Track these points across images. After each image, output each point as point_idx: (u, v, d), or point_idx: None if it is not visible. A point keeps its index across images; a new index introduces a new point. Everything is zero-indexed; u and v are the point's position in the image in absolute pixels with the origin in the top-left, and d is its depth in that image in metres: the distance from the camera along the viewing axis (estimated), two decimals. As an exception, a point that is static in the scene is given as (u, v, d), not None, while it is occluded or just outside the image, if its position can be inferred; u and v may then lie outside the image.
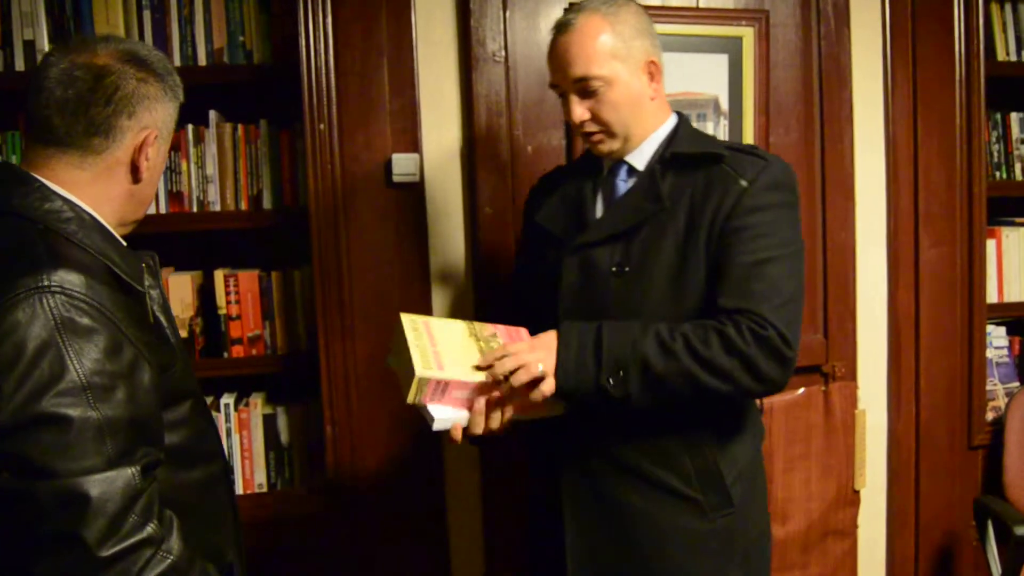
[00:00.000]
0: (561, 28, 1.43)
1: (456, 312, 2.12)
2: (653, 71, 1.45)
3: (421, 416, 1.38)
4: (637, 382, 1.31)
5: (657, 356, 1.30)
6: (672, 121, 1.51)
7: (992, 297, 2.44)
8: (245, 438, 2.07)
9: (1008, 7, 2.48)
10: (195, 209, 2.05)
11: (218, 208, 2.06)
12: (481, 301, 2.10)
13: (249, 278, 2.08)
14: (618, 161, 1.49)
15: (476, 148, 2.06)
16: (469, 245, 2.11)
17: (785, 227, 1.38)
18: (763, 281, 1.33)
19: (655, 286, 1.40)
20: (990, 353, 2.44)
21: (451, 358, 1.36)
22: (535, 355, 1.34)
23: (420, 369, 1.31)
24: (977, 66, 2.30)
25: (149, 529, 1.02)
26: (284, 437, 2.11)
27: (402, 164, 2.01)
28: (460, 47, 2.07)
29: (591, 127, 1.45)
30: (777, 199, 1.39)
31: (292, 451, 2.11)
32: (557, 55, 1.43)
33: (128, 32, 2.01)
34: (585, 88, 1.41)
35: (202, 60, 2.04)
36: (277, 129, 2.08)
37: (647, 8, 2.06)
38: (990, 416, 2.41)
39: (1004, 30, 2.49)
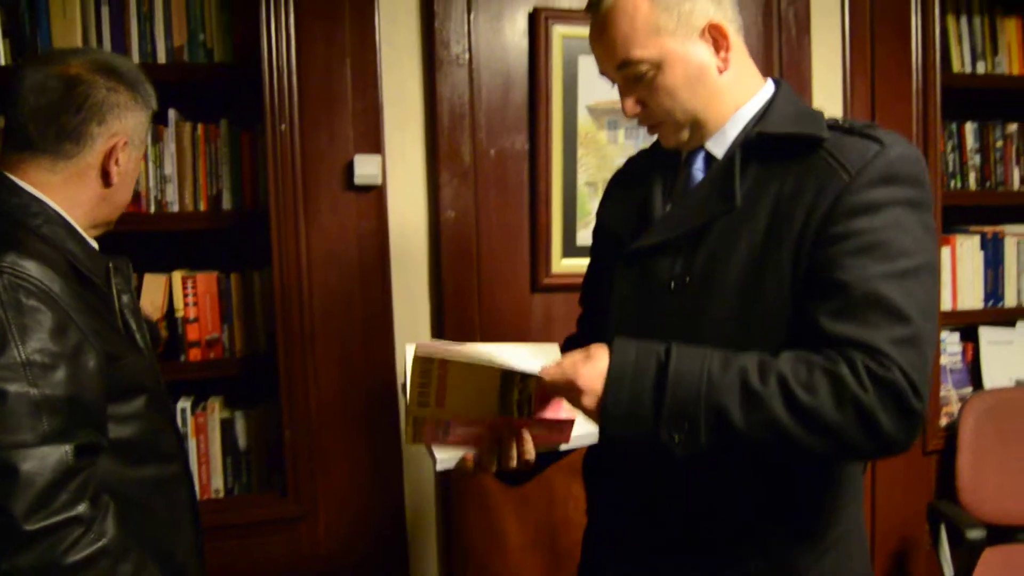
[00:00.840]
0: (593, 6, 1.17)
1: (417, 317, 2.10)
2: (717, 36, 1.15)
3: (390, 426, 1.29)
4: (708, 437, 0.99)
5: (739, 405, 0.98)
6: (766, 92, 1.20)
7: (946, 304, 2.48)
8: (202, 442, 2.04)
9: (964, 19, 2.54)
10: (152, 209, 2.01)
11: (176, 209, 2.02)
12: (442, 307, 2.09)
13: (207, 280, 2.04)
14: (694, 148, 1.21)
15: (439, 151, 2.05)
16: (431, 248, 2.10)
17: (905, 233, 1.03)
18: (878, 306, 0.99)
19: (720, 305, 1.10)
20: (944, 359, 2.49)
21: (459, 391, 1.11)
22: (573, 385, 1.04)
23: (415, 407, 1.09)
24: (933, 77, 2.35)
25: (80, 508, 1.03)
26: (242, 442, 2.07)
27: (364, 166, 2.00)
28: (424, 49, 2.06)
29: (648, 119, 1.19)
30: (893, 195, 1.04)
31: (250, 456, 2.08)
32: (594, 40, 1.18)
33: (85, 28, 1.96)
34: (631, 75, 1.15)
35: (161, 58, 2.01)
36: (238, 129, 2.04)
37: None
38: (944, 421, 2.46)
39: (960, 41, 2.54)
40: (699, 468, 1.08)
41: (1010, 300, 2.57)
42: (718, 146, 1.18)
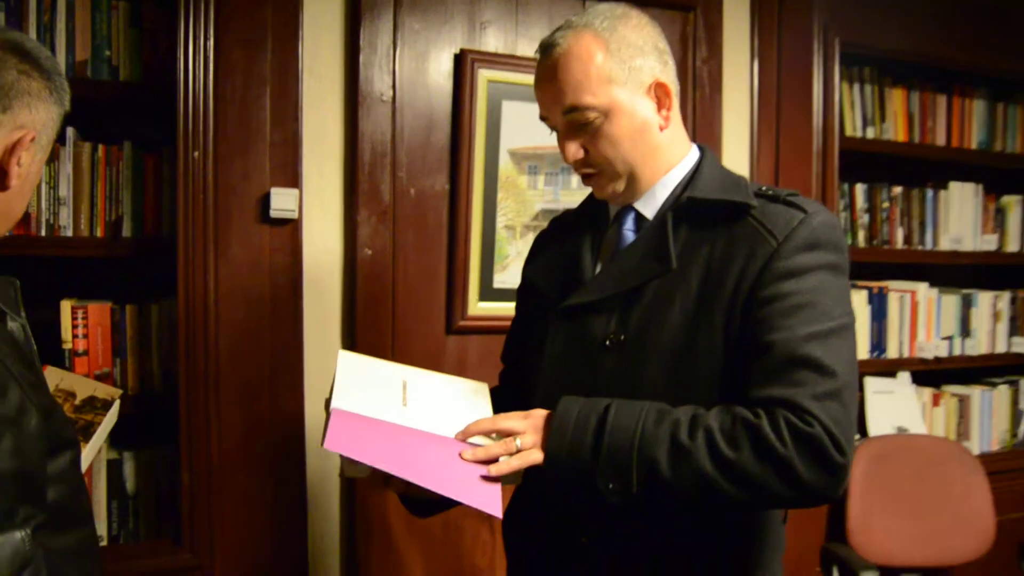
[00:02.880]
0: (546, 50, 1.18)
1: (328, 356, 2.03)
2: (661, 95, 1.19)
3: (295, 470, 1.25)
4: (640, 488, 1.05)
5: (668, 457, 1.03)
6: (693, 157, 1.25)
7: (837, 355, 2.60)
8: (86, 485, 1.89)
9: (856, 86, 2.71)
10: (43, 233, 1.87)
11: (70, 233, 1.88)
12: (355, 347, 2.02)
13: (100, 311, 1.90)
14: (625, 207, 1.25)
15: (358, 187, 2.01)
16: (346, 286, 2.04)
17: (827, 295, 1.10)
18: (804, 365, 1.05)
19: (655, 364, 1.14)
20: (835, 407, 2.60)
21: (382, 399, 1.15)
22: (518, 425, 1.11)
23: (337, 401, 1.10)
24: (832, 140, 2.50)
25: None
26: (130, 485, 1.93)
27: (281, 199, 1.92)
28: (347, 83, 2.02)
29: (587, 167, 1.21)
30: (816, 261, 1.11)
31: (139, 500, 1.94)
32: (542, 83, 1.19)
33: (-26, 35, 1.82)
34: (578, 120, 1.16)
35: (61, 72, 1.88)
36: (142, 152, 1.93)
37: (517, 62, 2.08)
38: (834, 466, 2.57)
39: (852, 108, 2.72)
40: (628, 523, 1.14)
41: (892, 352, 2.74)
42: (647, 207, 1.22)
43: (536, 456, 1.08)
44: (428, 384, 1.27)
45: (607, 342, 1.17)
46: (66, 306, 1.88)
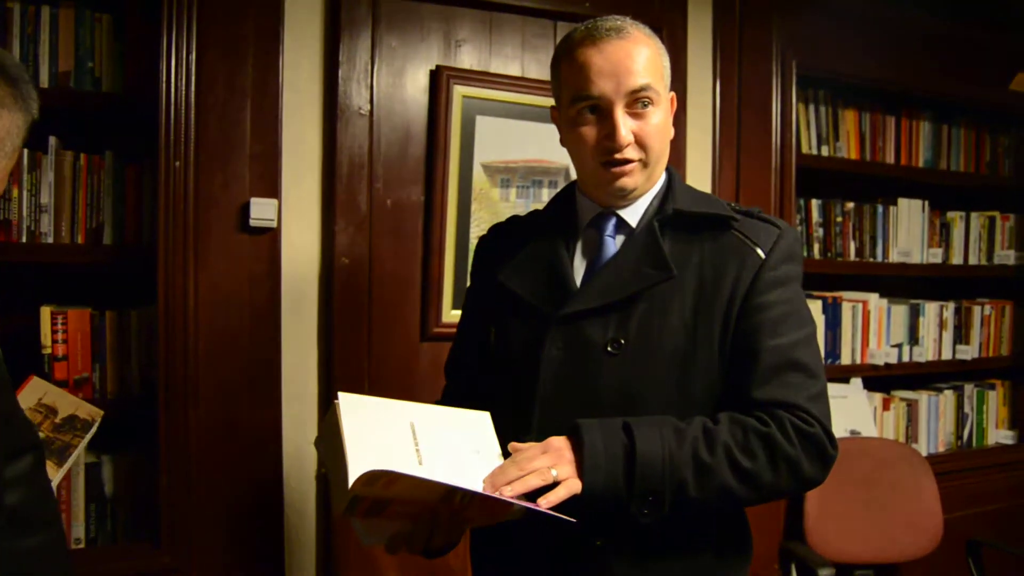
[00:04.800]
0: (613, 32, 1.19)
1: (306, 363, 2.09)
2: (673, 105, 1.27)
3: (271, 475, 1.18)
4: (670, 506, 1.10)
5: (694, 477, 1.09)
6: (665, 175, 1.30)
7: (794, 362, 2.72)
8: (63, 488, 1.91)
9: (812, 107, 2.84)
10: (24, 239, 1.90)
11: (51, 240, 1.92)
12: (331, 353, 2.08)
13: (80, 316, 1.94)
14: (603, 212, 1.27)
15: (336, 198, 2.07)
16: (323, 294, 2.10)
17: (802, 304, 1.22)
18: (798, 368, 1.15)
19: (658, 368, 1.18)
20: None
21: (397, 452, 1.08)
22: (545, 461, 1.09)
23: (355, 464, 1.00)
24: (789, 156, 2.61)
25: None
26: (108, 488, 1.96)
27: (260, 209, 1.97)
28: (326, 97, 2.08)
29: (633, 152, 1.20)
30: (793, 271, 1.23)
31: (117, 503, 1.97)
32: (610, 60, 1.18)
33: (-43, 45, 1.85)
34: (640, 99, 1.18)
35: (44, 82, 1.92)
36: (124, 162, 1.97)
37: (491, 79, 2.17)
38: (791, 469, 2.67)
39: (808, 127, 2.85)
40: (623, 536, 1.17)
41: (845, 359, 2.86)
42: (631, 215, 1.26)
43: (577, 486, 1.08)
44: (434, 425, 1.18)
45: (608, 347, 1.20)
46: (45, 312, 1.91)
